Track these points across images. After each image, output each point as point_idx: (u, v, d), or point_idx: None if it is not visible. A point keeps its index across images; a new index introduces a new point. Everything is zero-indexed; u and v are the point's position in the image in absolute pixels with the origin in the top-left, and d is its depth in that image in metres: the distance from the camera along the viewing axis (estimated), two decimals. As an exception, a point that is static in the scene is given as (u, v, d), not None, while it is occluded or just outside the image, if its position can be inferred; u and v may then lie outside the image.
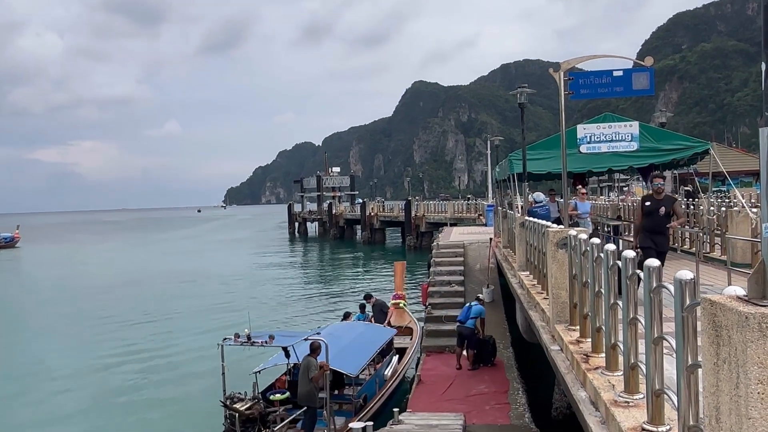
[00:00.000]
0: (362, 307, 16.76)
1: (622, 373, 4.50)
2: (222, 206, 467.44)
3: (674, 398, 3.23)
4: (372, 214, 61.93)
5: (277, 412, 9.97)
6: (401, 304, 17.98)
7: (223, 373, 10.34)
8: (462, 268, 19.29)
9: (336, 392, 11.27)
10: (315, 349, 9.94)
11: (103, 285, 37.37)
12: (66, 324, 25.38)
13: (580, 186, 15.24)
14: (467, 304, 14.13)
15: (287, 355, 10.43)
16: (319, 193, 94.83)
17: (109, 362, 18.47)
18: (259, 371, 11.10)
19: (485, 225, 32.64)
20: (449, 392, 11.91)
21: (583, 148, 12.09)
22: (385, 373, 12.45)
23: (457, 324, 13.65)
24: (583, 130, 12.18)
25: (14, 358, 20.06)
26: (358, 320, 15.66)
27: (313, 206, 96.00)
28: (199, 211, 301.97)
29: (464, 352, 13.43)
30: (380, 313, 16.38)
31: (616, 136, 12.18)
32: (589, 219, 13.63)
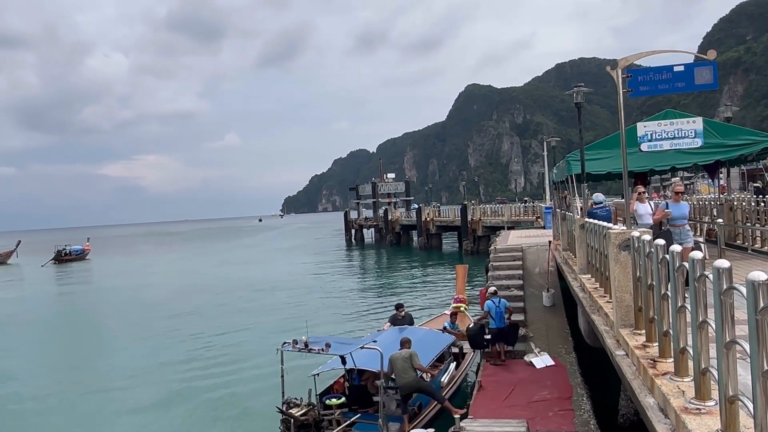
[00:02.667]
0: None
1: (692, 378, 4.34)
2: (279, 215, 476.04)
3: (750, 405, 3.09)
4: (428, 219, 61.75)
5: (333, 416, 10.08)
6: (462, 308, 17.86)
7: (282, 377, 10.52)
8: (521, 272, 19.00)
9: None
10: (405, 342, 11.00)
11: (168, 294, 38.56)
12: (133, 330, 26.28)
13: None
14: (493, 305, 14.07)
15: (344, 362, 10.53)
16: (374, 200, 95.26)
17: (173, 366, 19.08)
18: (317, 374, 11.25)
19: (544, 228, 32.09)
20: (511, 398, 11.73)
21: (644, 147, 11.72)
22: (442, 380, 12.38)
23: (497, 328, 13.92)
24: (643, 128, 11.81)
25: (89, 360, 21.10)
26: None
27: (369, 213, 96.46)
28: (260, 220, 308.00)
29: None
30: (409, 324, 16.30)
31: (678, 133, 11.76)
32: (687, 226, 10.81)
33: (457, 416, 9.80)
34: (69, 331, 28.49)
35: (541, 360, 13.61)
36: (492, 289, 15.31)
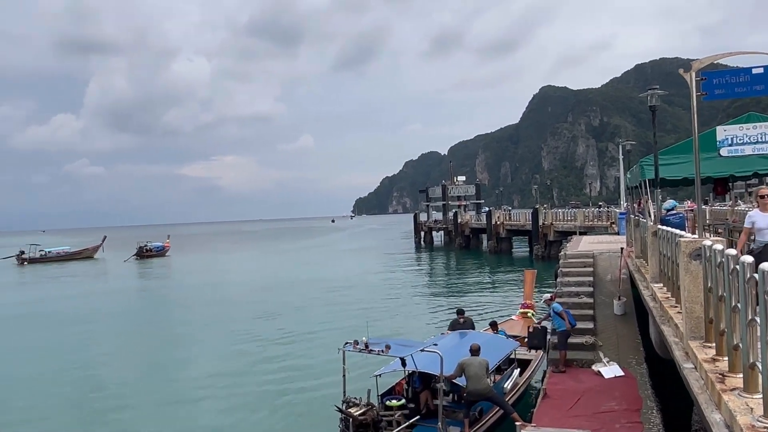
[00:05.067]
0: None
1: (761, 395, 4.15)
2: (350, 216, 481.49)
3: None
4: (498, 222, 61.00)
5: (393, 417, 10.14)
6: (529, 314, 17.60)
7: (344, 377, 10.68)
8: (591, 278, 18.49)
9: (451, 400, 11.33)
10: (477, 349, 11.04)
11: (240, 291, 39.74)
12: (206, 325, 27.25)
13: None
14: (557, 313, 13.78)
15: (404, 364, 10.58)
16: (444, 202, 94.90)
17: (240, 361, 19.71)
18: (379, 375, 11.35)
19: (618, 234, 31.12)
20: (576, 408, 11.44)
21: (724, 151, 11.24)
22: (505, 386, 12.23)
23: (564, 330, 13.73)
24: (723, 132, 11.32)
25: (164, 351, 22.13)
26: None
27: (439, 215, 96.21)
28: (333, 221, 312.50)
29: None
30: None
31: (762, 137, 11.21)
32: None
33: (518, 423, 9.67)
34: (148, 323, 29.84)
35: (610, 370, 13.21)
36: (546, 296, 15.11)
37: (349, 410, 9.95)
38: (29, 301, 40.85)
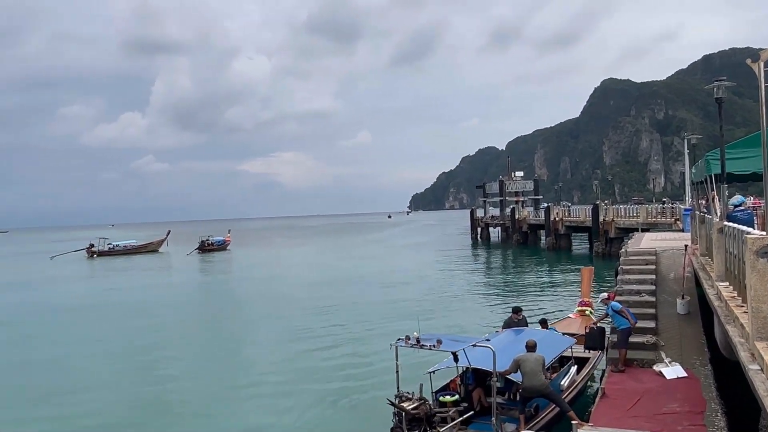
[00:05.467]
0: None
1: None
2: (407, 212, 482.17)
3: None
4: (557, 219, 59.88)
5: (448, 413, 10.12)
6: (587, 312, 17.26)
7: (397, 372, 10.74)
8: (653, 276, 17.94)
9: (506, 397, 11.22)
10: (533, 345, 10.88)
11: (297, 285, 40.40)
12: (265, 317, 27.85)
13: None
14: (617, 312, 13.42)
15: (456, 360, 10.54)
16: (501, 198, 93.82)
17: (296, 353, 20.09)
18: (433, 372, 11.35)
19: (682, 231, 30.10)
20: (636, 408, 11.16)
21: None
22: (561, 383, 12.02)
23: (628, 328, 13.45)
24: (795, 124, 10.76)
25: (225, 342, 22.75)
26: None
27: (496, 211, 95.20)
28: (389, 216, 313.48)
29: None
30: None
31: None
32: None
33: (575, 422, 9.51)
34: (209, 315, 30.74)
35: (672, 370, 12.82)
36: (603, 295, 14.75)
37: (402, 404, 9.99)
38: (98, 292, 42.64)
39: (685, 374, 12.66)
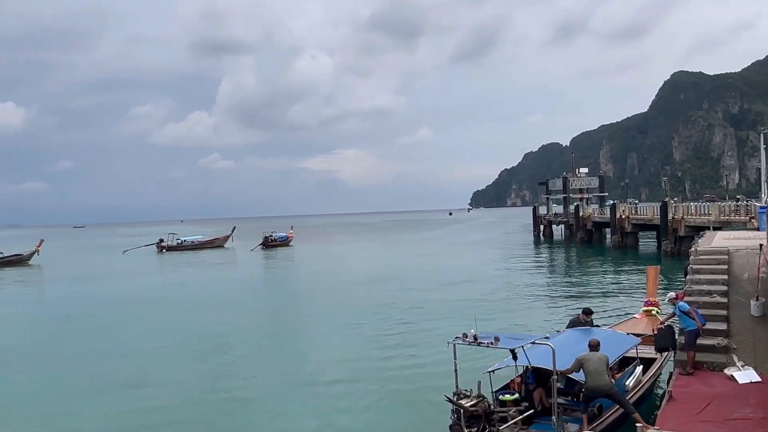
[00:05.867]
0: (587, 312, 15.44)
1: None
2: (468, 209, 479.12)
3: None
4: (623, 216, 58.19)
5: (508, 413, 10.00)
6: (654, 312, 16.73)
7: (456, 371, 10.68)
8: (725, 277, 17.21)
9: (569, 398, 10.99)
10: (596, 345, 10.66)
11: (359, 280, 40.79)
12: (326, 312, 28.27)
13: None
14: (684, 313, 12.91)
15: (515, 358, 10.39)
16: (565, 195, 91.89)
17: (355, 349, 20.24)
18: (492, 371, 11.23)
19: (757, 229, 28.76)
20: (705, 413, 10.74)
21: None
22: (626, 384, 11.68)
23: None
24: None
25: (284, 336, 23.19)
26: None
27: (559, 209, 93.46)
28: (450, 213, 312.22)
29: None
30: None
31: None
32: None
33: (640, 425, 9.25)
34: (272, 309, 31.47)
35: (745, 374, 12.27)
36: (671, 295, 14.22)
37: (460, 401, 9.94)
38: (166, 285, 44.29)
39: (759, 379, 12.10)
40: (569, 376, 10.69)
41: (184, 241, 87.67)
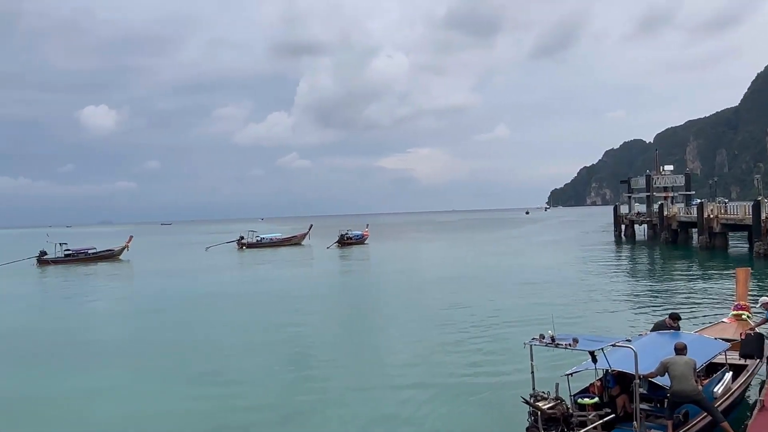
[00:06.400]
0: (674, 317, 14.71)
1: None
2: (545, 207, 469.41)
3: None
4: (711, 216, 55.49)
5: (588, 417, 9.75)
6: (744, 316, 15.89)
7: (532, 372, 10.51)
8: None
9: (653, 404, 10.61)
10: (682, 348, 10.32)
11: (434, 278, 40.77)
12: (400, 310, 28.31)
13: None
14: None
15: (594, 360, 10.11)
16: (648, 194, 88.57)
17: (430, 348, 20.12)
18: (571, 374, 10.97)
19: None
20: (801, 425, 10.14)
21: None
22: (715, 390, 11.15)
23: None
24: None
25: (360, 334, 23.49)
26: None
27: (642, 208, 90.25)
28: (527, 212, 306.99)
29: None
30: None
31: None
32: None
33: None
34: (348, 307, 31.86)
35: None
36: (765, 299, 13.43)
37: (537, 404, 9.78)
38: (247, 281, 45.71)
39: None
40: (652, 380, 10.32)
41: (263, 238, 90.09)
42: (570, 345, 9.61)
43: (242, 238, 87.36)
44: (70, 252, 70.62)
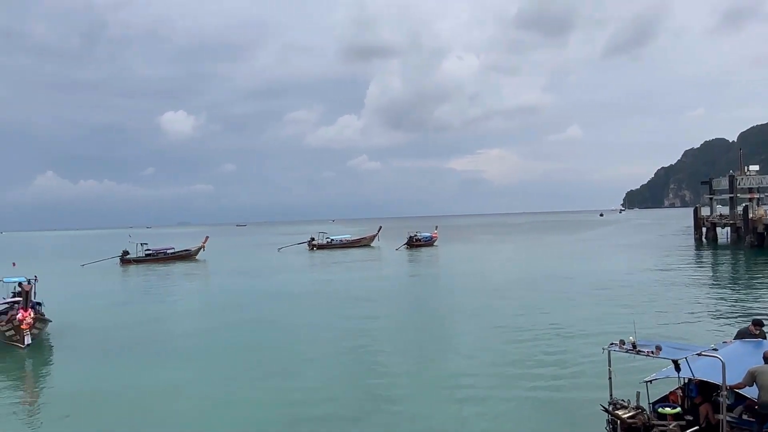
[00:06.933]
0: (757, 324, 13.97)
1: None
2: (620, 209, 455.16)
3: None
4: (801, 219, 52.44)
5: (668, 427, 9.40)
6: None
7: (610, 379, 10.23)
8: None
9: (737, 417, 10.12)
10: None
11: (504, 281, 40.24)
12: (471, 314, 28.13)
13: None
14: None
15: (677, 369, 9.72)
16: (732, 195, 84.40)
17: (503, 353, 19.92)
18: (650, 381, 10.62)
19: None
20: None
21: None
22: None
23: None
24: None
25: (430, 337, 23.31)
26: None
27: (725, 210, 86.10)
28: (601, 215, 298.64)
29: None
30: None
31: None
32: None
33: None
34: (417, 309, 31.88)
35: None
36: None
37: (617, 412, 9.51)
38: (318, 281, 46.49)
39: None
40: (738, 391, 9.87)
41: (333, 240, 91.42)
42: (653, 353, 9.26)
43: (313, 239, 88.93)
44: (150, 252, 74.03)
